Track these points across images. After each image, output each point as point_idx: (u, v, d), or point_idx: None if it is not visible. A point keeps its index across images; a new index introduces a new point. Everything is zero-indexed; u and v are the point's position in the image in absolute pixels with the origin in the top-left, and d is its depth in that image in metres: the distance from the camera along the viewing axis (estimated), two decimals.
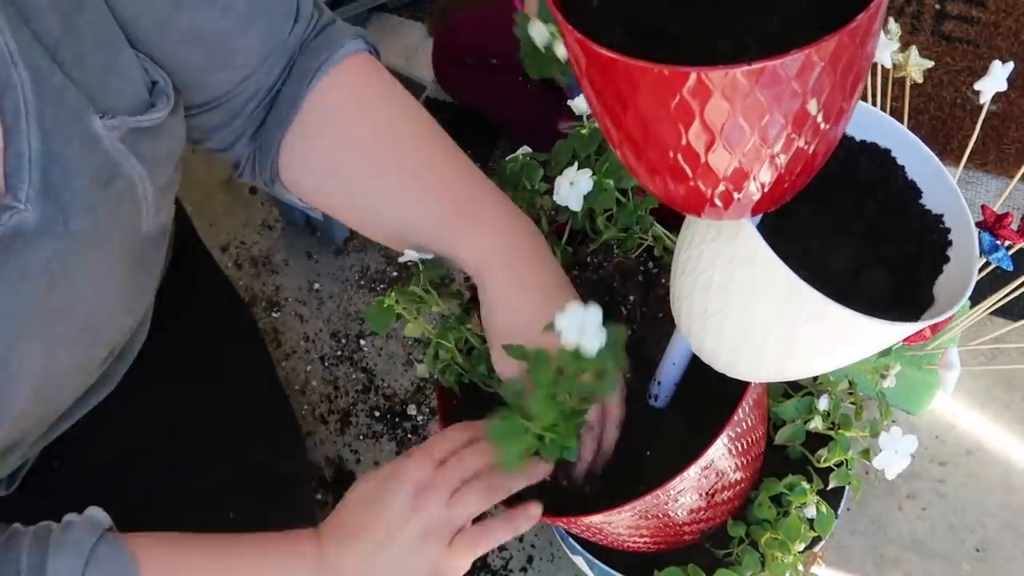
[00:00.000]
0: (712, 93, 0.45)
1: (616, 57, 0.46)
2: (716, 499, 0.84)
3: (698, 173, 0.51)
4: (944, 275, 0.66)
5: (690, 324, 0.70)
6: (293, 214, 1.36)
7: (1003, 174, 1.34)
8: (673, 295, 0.72)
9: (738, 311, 0.63)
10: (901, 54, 0.91)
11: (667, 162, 0.51)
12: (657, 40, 0.50)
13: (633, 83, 0.47)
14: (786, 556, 0.84)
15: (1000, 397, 1.17)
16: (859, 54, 0.45)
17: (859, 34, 0.44)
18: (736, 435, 0.79)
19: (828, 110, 0.47)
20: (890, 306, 0.65)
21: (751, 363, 0.68)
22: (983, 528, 1.09)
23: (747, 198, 0.53)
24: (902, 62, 0.92)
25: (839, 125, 0.50)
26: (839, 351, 0.63)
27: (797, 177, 0.52)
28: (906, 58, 0.92)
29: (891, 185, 0.69)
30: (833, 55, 0.44)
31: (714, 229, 0.61)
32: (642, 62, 0.45)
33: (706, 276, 0.65)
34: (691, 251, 0.66)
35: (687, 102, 0.46)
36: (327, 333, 1.33)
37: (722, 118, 0.46)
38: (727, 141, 0.48)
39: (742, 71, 0.43)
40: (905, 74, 0.93)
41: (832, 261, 0.66)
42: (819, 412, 0.89)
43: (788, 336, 0.61)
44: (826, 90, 0.46)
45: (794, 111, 0.46)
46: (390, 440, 1.24)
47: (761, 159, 0.49)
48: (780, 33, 0.48)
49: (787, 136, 0.48)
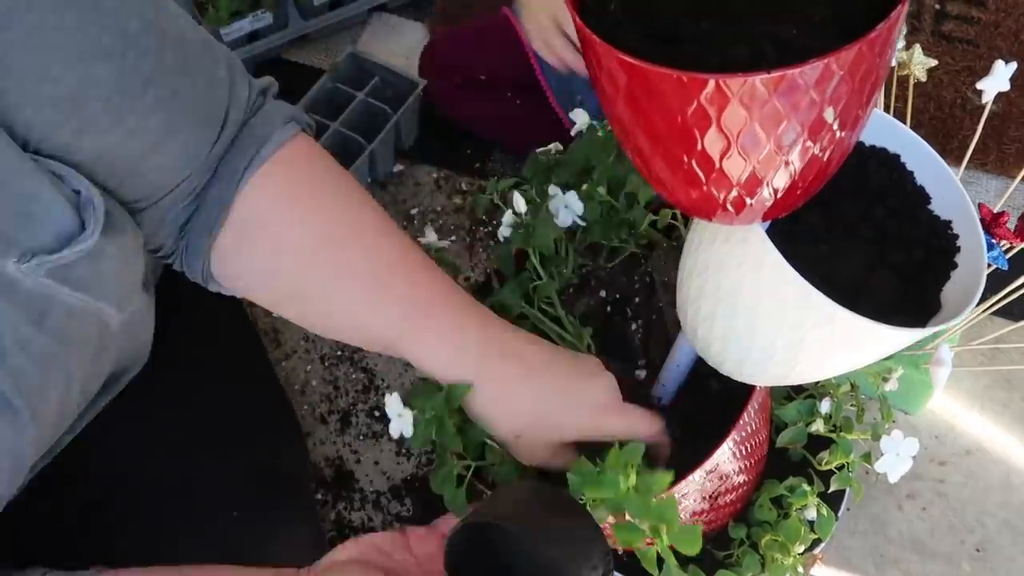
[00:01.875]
0: (730, 100, 0.45)
1: (635, 62, 0.46)
2: (719, 502, 0.84)
3: (712, 179, 0.51)
4: (952, 281, 0.66)
5: (696, 327, 0.70)
6: None
7: (1003, 174, 1.35)
8: (680, 298, 0.72)
9: (745, 315, 0.63)
10: (905, 52, 0.91)
11: (681, 167, 0.51)
12: (673, 45, 0.50)
13: (650, 88, 0.47)
14: (786, 558, 0.84)
15: (1000, 397, 1.18)
16: (877, 63, 0.45)
17: (878, 44, 0.44)
18: (741, 439, 0.79)
19: (844, 118, 0.47)
20: (898, 312, 0.65)
21: (757, 366, 0.68)
22: (983, 528, 1.09)
23: (759, 204, 0.53)
24: (906, 60, 0.92)
25: (854, 133, 0.50)
26: (846, 356, 0.63)
27: (810, 184, 0.52)
28: (910, 56, 0.91)
29: (900, 191, 0.69)
30: (852, 64, 0.44)
31: (723, 233, 0.61)
32: (661, 67, 0.45)
33: (714, 280, 0.65)
34: (699, 255, 0.66)
35: (704, 108, 0.46)
36: None
37: (739, 125, 0.46)
38: (743, 148, 0.47)
39: (761, 79, 0.43)
40: (909, 73, 0.92)
41: (840, 266, 0.66)
42: (821, 415, 0.89)
43: (796, 341, 0.61)
44: (843, 99, 0.46)
45: (811, 119, 0.46)
46: (390, 440, 1.24)
47: (775, 166, 0.49)
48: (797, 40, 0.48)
49: (803, 144, 0.48)
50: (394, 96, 1.39)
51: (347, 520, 1.20)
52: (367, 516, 1.20)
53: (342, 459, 1.23)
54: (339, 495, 1.22)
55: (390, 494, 1.22)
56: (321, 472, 1.23)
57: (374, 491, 1.22)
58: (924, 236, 0.67)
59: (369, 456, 1.23)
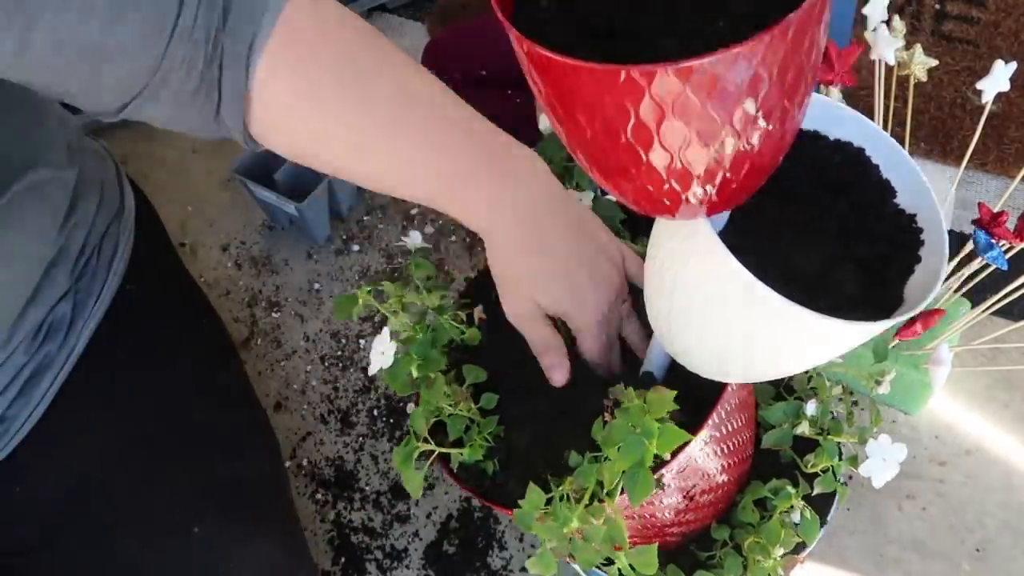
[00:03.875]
0: (644, 92, 0.44)
1: (552, 56, 0.45)
2: (699, 501, 0.83)
3: (642, 172, 0.50)
4: (915, 275, 0.65)
5: (659, 325, 0.70)
6: (277, 216, 1.37)
7: (1003, 174, 1.33)
8: (645, 295, 0.72)
9: (701, 311, 0.62)
10: (905, 52, 0.90)
11: (612, 162, 0.51)
12: (606, 40, 0.50)
13: (572, 82, 0.47)
14: (766, 560, 0.83)
15: (1000, 397, 1.15)
16: (795, 52, 0.44)
17: (792, 33, 0.43)
18: (716, 438, 0.78)
19: (767, 110, 0.46)
20: (860, 306, 0.64)
21: (720, 363, 0.67)
22: (983, 528, 1.07)
23: (695, 198, 0.52)
24: (906, 60, 0.90)
25: (784, 125, 0.49)
26: (805, 351, 0.62)
27: (745, 177, 0.51)
28: (910, 56, 0.90)
29: (864, 184, 0.68)
30: (766, 55, 0.43)
31: (673, 228, 0.61)
32: (576, 60, 0.45)
33: (670, 276, 0.64)
34: (658, 251, 0.66)
35: (622, 101, 0.45)
36: (327, 333, 1.33)
37: (656, 117, 0.45)
38: (664, 141, 0.47)
39: (672, 69, 0.43)
40: (909, 72, 0.91)
41: (802, 260, 0.65)
42: (807, 417, 0.88)
43: (749, 335, 0.61)
44: (762, 90, 0.45)
45: (729, 110, 0.45)
46: (390, 440, 1.24)
47: (702, 159, 0.48)
48: (728, 34, 0.47)
49: (726, 136, 0.47)
50: None
51: (347, 520, 1.21)
52: (367, 516, 1.21)
53: (342, 459, 1.24)
54: (339, 495, 1.22)
55: (390, 494, 1.22)
56: (321, 472, 1.23)
57: (374, 491, 1.22)
58: (888, 230, 0.66)
59: (369, 456, 1.24)
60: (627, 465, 0.68)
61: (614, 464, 0.68)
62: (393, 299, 0.83)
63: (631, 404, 0.69)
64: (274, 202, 1.30)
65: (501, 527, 1.17)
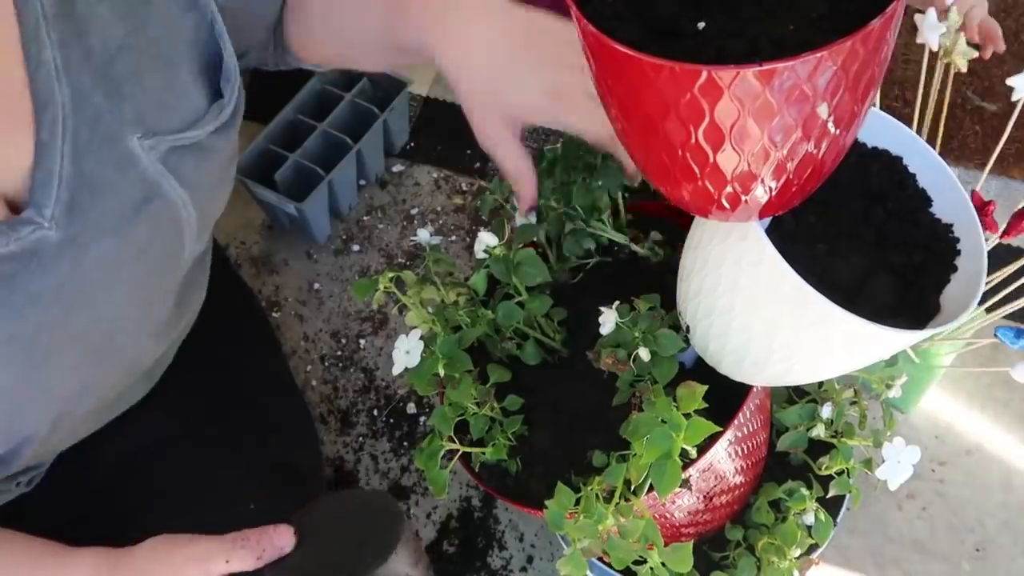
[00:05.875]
0: (723, 92, 0.44)
1: (631, 53, 0.46)
2: (715, 502, 0.84)
3: (706, 173, 0.51)
4: (952, 284, 0.66)
5: (695, 325, 0.70)
6: (277, 215, 1.36)
7: (1003, 174, 1.35)
8: (679, 296, 0.72)
9: (743, 313, 0.63)
10: (948, 39, 0.89)
11: (676, 161, 0.51)
12: (671, 39, 0.50)
13: (645, 80, 0.47)
14: (781, 561, 0.84)
15: (1000, 397, 1.17)
16: (872, 59, 0.45)
17: (872, 39, 0.43)
18: (737, 439, 0.79)
19: (839, 115, 0.47)
20: (896, 314, 0.65)
21: (755, 366, 0.68)
22: (983, 528, 1.09)
23: (754, 200, 0.53)
24: (948, 47, 0.90)
25: (850, 131, 0.50)
26: (843, 357, 0.63)
27: (806, 181, 0.52)
28: (953, 43, 0.89)
29: (901, 193, 0.69)
30: (847, 59, 0.44)
31: (722, 230, 0.61)
32: (655, 59, 0.45)
33: (713, 277, 0.64)
34: (698, 252, 0.66)
35: (698, 100, 0.46)
36: (327, 333, 1.32)
37: (732, 118, 0.46)
38: (736, 142, 0.47)
39: (753, 71, 0.43)
40: (950, 60, 0.91)
41: (840, 267, 0.66)
42: (822, 420, 0.88)
43: (792, 340, 0.61)
44: (837, 94, 0.45)
45: (804, 114, 0.46)
46: (390, 440, 1.24)
47: (769, 161, 0.49)
48: (794, 37, 0.48)
49: (797, 139, 0.47)
50: (383, 97, 1.40)
51: None
52: None
53: (342, 459, 1.23)
54: None
55: (390, 493, 1.22)
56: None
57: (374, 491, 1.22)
58: (924, 239, 0.67)
59: (369, 456, 1.23)
60: (654, 457, 0.68)
61: (640, 458, 0.68)
62: (412, 290, 0.83)
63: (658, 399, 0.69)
64: (274, 202, 1.29)
65: (501, 527, 1.17)
